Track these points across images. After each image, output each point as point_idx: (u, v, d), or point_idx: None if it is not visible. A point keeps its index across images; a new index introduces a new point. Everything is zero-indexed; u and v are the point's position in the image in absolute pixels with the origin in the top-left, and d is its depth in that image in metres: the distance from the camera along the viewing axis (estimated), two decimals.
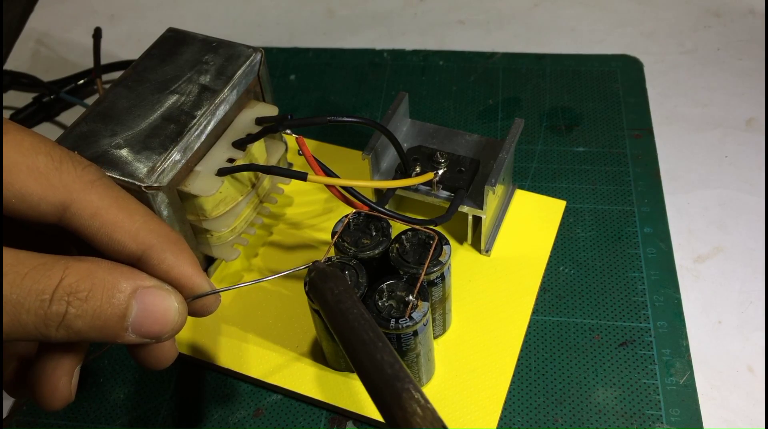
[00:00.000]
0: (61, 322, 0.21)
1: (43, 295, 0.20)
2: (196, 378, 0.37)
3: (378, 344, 0.23)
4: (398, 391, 0.21)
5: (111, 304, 0.21)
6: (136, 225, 0.23)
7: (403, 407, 0.21)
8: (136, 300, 0.22)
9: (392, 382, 0.21)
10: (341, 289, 0.26)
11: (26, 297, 0.20)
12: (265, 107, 0.37)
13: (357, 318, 0.24)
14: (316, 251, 0.40)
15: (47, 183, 0.22)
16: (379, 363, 0.22)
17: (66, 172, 0.22)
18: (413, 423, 0.20)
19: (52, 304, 0.20)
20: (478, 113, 0.48)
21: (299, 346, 0.37)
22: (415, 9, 0.57)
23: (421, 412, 0.21)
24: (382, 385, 0.22)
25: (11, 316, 0.20)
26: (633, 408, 0.34)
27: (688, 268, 0.39)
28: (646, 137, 0.45)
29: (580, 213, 0.42)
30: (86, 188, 0.22)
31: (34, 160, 0.22)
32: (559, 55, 0.52)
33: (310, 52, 0.54)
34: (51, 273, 0.21)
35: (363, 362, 0.23)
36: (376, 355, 0.22)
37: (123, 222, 0.23)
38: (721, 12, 0.54)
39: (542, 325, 0.37)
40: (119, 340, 0.22)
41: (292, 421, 0.35)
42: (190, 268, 0.24)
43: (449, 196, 0.38)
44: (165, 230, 0.24)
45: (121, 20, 0.59)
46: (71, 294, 0.21)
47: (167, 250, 0.23)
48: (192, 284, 0.24)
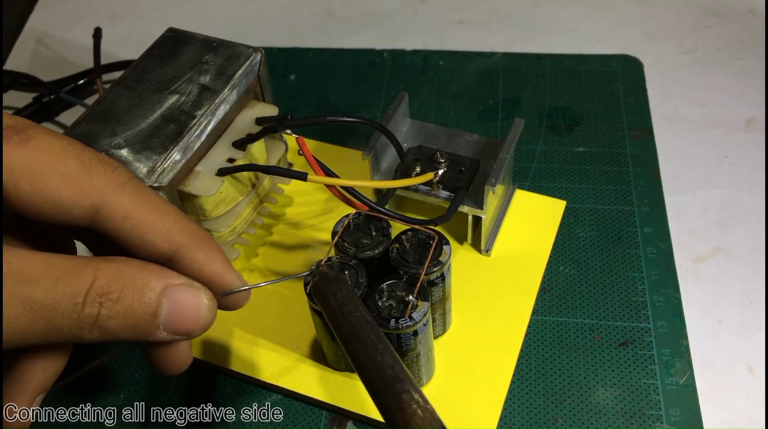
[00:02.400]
0: (95, 324, 0.21)
1: (76, 298, 0.20)
2: (196, 378, 0.37)
3: (379, 346, 0.23)
4: (398, 392, 0.21)
5: (142, 303, 0.22)
6: (167, 225, 0.23)
7: (402, 408, 0.21)
8: (167, 298, 0.22)
9: (392, 384, 0.22)
10: (343, 292, 0.26)
11: (60, 301, 0.20)
12: (265, 107, 0.37)
13: (359, 321, 0.25)
14: (316, 251, 0.40)
15: (79, 187, 0.22)
16: (380, 365, 0.23)
17: (97, 175, 0.22)
18: (412, 423, 0.21)
19: (85, 306, 0.21)
20: (478, 113, 0.48)
21: (299, 346, 0.37)
22: (415, 9, 0.57)
23: (420, 413, 0.21)
24: (383, 387, 0.22)
25: (46, 321, 0.20)
26: (633, 408, 0.34)
27: (688, 268, 0.39)
28: (646, 137, 0.45)
29: (580, 213, 0.42)
30: (117, 191, 0.22)
31: (64, 164, 0.22)
32: (559, 55, 0.52)
33: (310, 52, 0.54)
34: (83, 276, 0.21)
35: (364, 364, 0.23)
36: (377, 357, 0.23)
37: (154, 223, 0.23)
38: (721, 12, 0.54)
39: (542, 325, 0.37)
40: (151, 337, 0.23)
41: (292, 421, 0.35)
42: (221, 265, 0.24)
43: (449, 196, 0.38)
44: (195, 229, 0.24)
45: (121, 20, 0.59)
46: (103, 295, 0.21)
47: (198, 248, 0.23)
48: (223, 281, 0.24)
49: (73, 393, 0.37)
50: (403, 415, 0.21)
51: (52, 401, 0.36)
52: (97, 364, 0.37)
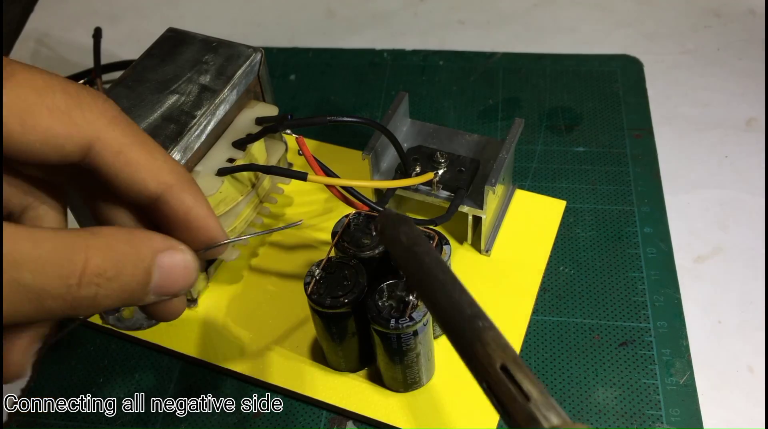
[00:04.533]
0: (91, 304, 0.20)
1: (69, 280, 0.20)
2: (197, 378, 0.37)
3: (457, 285, 0.23)
4: (480, 328, 0.21)
5: (135, 276, 0.21)
6: (157, 163, 0.22)
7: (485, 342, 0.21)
8: (156, 265, 0.22)
9: (473, 320, 0.22)
10: (416, 232, 0.26)
11: (50, 283, 0.19)
12: (265, 107, 0.37)
13: (434, 261, 0.24)
14: (316, 251, 0.40)
15: (71, 121, 0.21)
16: (458, 303, 0.22)
17: (88, 108, 0.21)
18: (494, 357, 0.20)
19: (81, 288, 0.20)
20: (478, 113, 0.48)
21: (299, 346, 0.37)
22: (415, 9, 0.57)
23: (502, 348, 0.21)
24: (463, 323, 0.22)
25: (35, 304, 0.19)
26: (633, 408, 0.34)
27: (688, 268, 0.39)
28: (646, 137, 0.45)
29: (580, 213, 0.42)
30: (111, 124, 0.21)
31: (52, 99, 0.20)
32: (559, 55, 0.52)
33: (310, 52, 0.54)
34: (73, 255, 0.20)
35: (440, 302, 0.23)
36: (454, 295, 0.23)
37: (146, 160, 0.22)
38: (721, 12, 0.54)
39: (542, 325, 0.37)
40: (140, 303, 0.22)
41: (292, 421, 0.35)
42: (205, 210, 0.23)
43: (449, 196, 0.38)
44: (182, 170, 0.23)
45: (121, 20, 0.59)
46: (99, 275, 0.20)
47: (186, 190, 0.23)
48: (207, 226, 0.23)
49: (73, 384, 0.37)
50: (485, 348, 0.21)
51: (52, 392, 0.36)
52: (75, 325, 0.36)
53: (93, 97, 0.22)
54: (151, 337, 0.38)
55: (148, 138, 0.23)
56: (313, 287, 0.31)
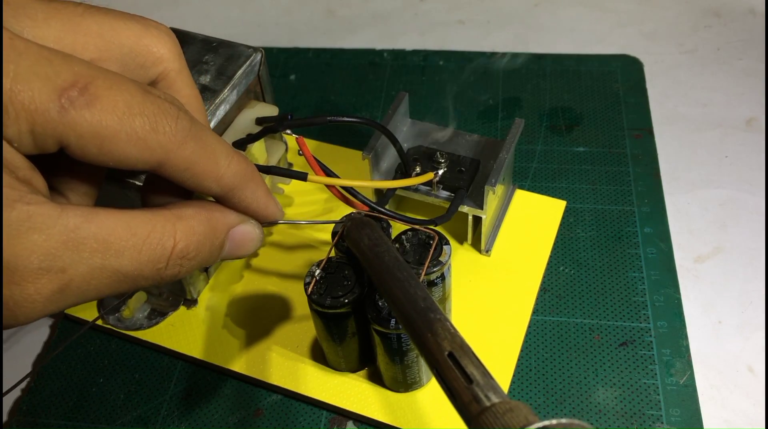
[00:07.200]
0: (171, 280, 0.23)
1: (159, 264, 0.22)
2: (197, 378, 0.37)
3: (411, 281, 0.26)
4: (431, 320, 0.23)
5: (212, 253, 0.24)
6: (221, 171, 0.24)
7: (435, 332, 0.23)
8: (228, 238, 0.25)
9: (425, 313, 0.24)
10: (376, 235, 0.29)
11: (144, 268, 0.22)
12: (265, 107, 0.37)
13: (391, 260, 0.27)
14: (316, 251, 0.40)
15: (145, 146, 0.22)
16: (412, 297, 0.25)
17: (162, 132, 0.22)
18: (443, 346, 0.22)
19: (167, 269, 0.23)
20: (478, 113, 0.48)
21: (299, 346, 0.37)
22: (415, 9, 0.57)
23: (450, 336, 0.23)
24: (416, 315, 0.24)
25: (130, 285, 0.22)
26: (633, 408, 0.34)
27: (688, 268, 0.39)
28: (646, 137, 0.45)
29: (580, 213, 0.42)
30: (182, 145, 0.23)
31: (131, 124, 0.21)
32: (559, 55, 0.52)
33: (310, 52, 0.54)
34: (164, 241, 0.22)
35: (398, 297, 0.25)
36: (410, 290, 0.25)
37: (211, 170, 0.24)
38: (721, 12, 0.54)
39: (542, 325, 0.37)
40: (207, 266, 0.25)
41: (292, 421, 0.35)
42: (263, 200, 0.26)
43: (449, 196, 0.38)
44: (242, 170, 0.25)
45: None
46: (183, 257, 0.23)
47: (245, 188, 0.25)
48: (266, 212, 0.26)
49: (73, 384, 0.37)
50: (435, 337, 0.22)
51: (52, 392, 0.36)
52: (85, 329, 0.38)
53: (167, 116, 0.22)
54: (151, 337, 0.38)
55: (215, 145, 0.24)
56: (313, 287, 0.31)
